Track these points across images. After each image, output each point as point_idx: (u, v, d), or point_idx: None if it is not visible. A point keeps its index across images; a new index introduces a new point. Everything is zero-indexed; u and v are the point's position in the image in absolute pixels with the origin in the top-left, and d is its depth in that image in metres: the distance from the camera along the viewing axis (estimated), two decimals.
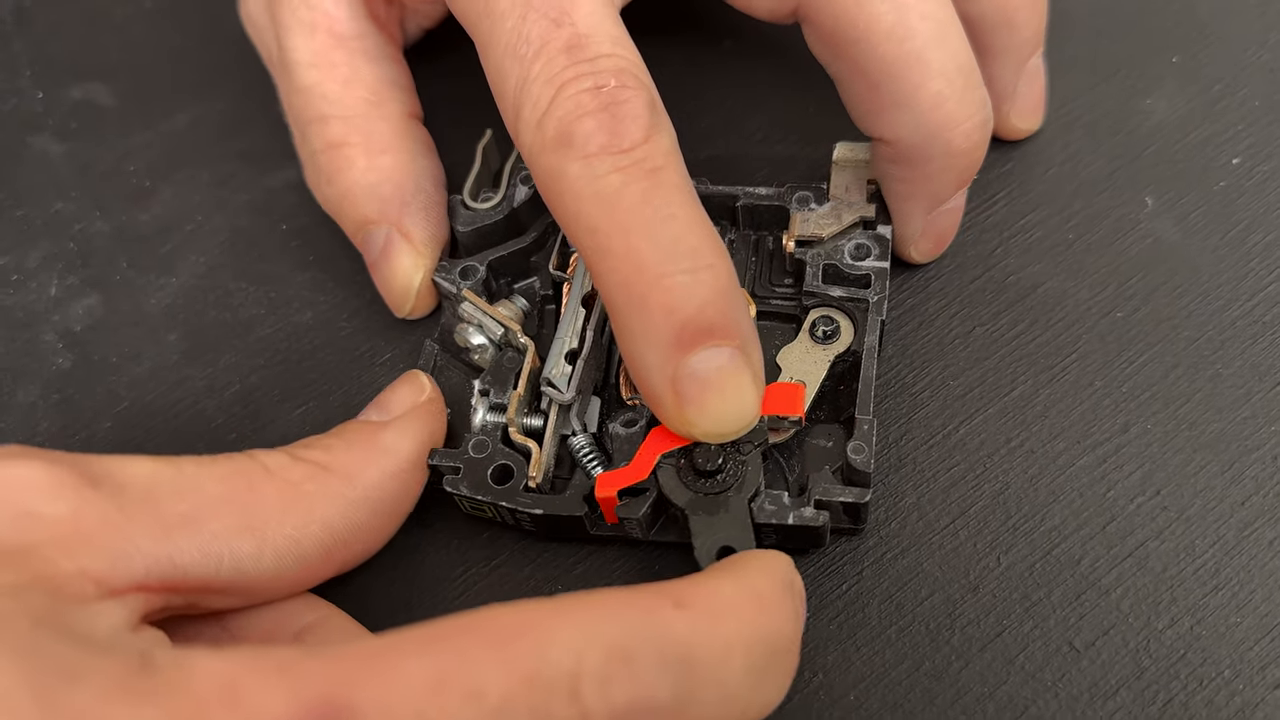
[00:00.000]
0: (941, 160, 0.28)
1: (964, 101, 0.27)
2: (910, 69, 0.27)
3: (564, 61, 0.25)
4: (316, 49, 0.31)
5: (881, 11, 0.27)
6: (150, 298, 0.34)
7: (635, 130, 0.24)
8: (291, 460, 0.25)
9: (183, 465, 0.24)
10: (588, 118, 0.24)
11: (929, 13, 0.27)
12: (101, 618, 0.21)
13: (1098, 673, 0.26)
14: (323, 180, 0.31)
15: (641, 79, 0.25)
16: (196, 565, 0.23)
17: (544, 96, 0.25)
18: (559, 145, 0.24)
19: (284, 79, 0.32)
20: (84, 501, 0.22)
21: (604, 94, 0.24)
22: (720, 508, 0.26)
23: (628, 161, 0.24)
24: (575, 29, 0.25)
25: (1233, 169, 0.33)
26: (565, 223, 0.25)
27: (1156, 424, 0.29)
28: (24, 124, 0.38)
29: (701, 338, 0.24)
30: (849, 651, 0.27)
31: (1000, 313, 0.31)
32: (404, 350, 0.32)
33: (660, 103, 0.25)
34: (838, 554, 0.28)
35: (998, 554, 0.28)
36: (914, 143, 0.28)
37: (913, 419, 0.30)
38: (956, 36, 0.27)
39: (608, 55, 0.25)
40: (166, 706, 0.18)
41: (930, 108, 0.27)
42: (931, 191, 0.29)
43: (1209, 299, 0.31)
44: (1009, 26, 0.30)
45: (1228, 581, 0.27)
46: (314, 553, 0.24)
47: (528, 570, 0.29)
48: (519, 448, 0.28)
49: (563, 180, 0.24)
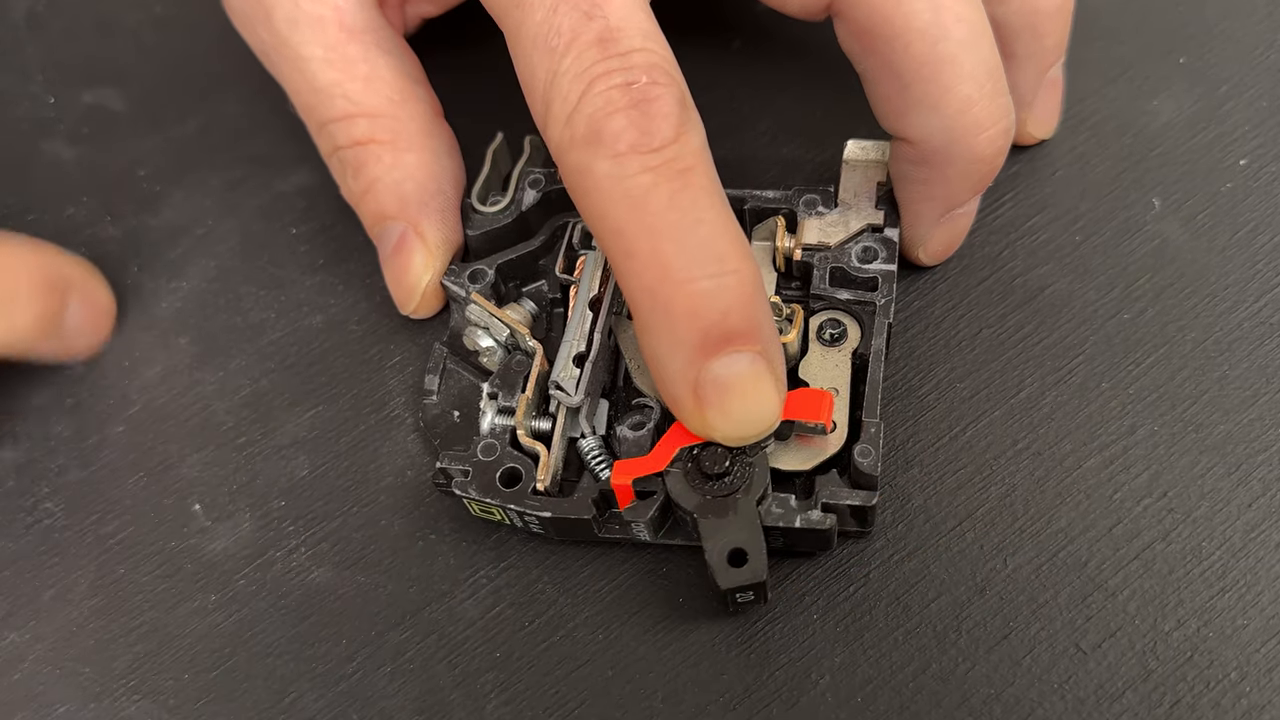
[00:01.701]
0: (963, 164, 0.28)
1: (991, 107, 0.27)
2: (942, 70, 0.27)
3: (595, 55, 0.24)
4: (329, 44, 0.30)
5: (918, 9, 0.26)
6: (161, 302, 0.34)
7: (666, 128, 0.24)
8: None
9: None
10: (618, 115, 0.24)
11: (964, 15, 0.27)
12: None
13: (1105, 675, 0.26)
14: (348, 174, 0.31)
15: (673, 74, 0.25)
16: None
17: (574, 91, 0.24)
18: (588, 142, 0.24)
19: (294, 76, 0.31)
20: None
21: (635, 90, 0.24)
22: (729, 510, 0.26)
23: (657, 161, 0.24)
24: (607, 22, 0.25)
25: (1240, 170, 0.33)
26: (591, 221, 0.25)
27: (1163, 426, 0.29)
28: (36, 129, 0.38)
29: (724, 343, 0.24)
30: (856, 654, 0.27)
31: (1007, 314, 0.31)
32: (413, 353, 0.32)
33: (690, 98, 0.25)
34: (845, 556, 0.28)
35: (1005, 556, 0.28)
36: (937, 145, 0.28)
37: (920, 421, 0.30)
38: (988, 41, 0.27)
39: (639, 49, 0.25)
40: None
41: (958, 111, 0.27)
42: (948, 195, 0.29)
43: (1216, 300, 0.31)
44: (1034, 33, 0.30)
45: (1235, 584, 0.27)
46: None
47: (536, 572, 0.29)
48: (527, 451, 0.28)
49: (590, 178, 0.24)
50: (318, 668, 0.28)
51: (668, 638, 0.28)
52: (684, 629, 0.28)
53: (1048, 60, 0.31)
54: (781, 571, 0.28)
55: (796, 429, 0.27)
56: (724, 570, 0.25)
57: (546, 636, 0.28)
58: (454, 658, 0.28)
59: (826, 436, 0.27)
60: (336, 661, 0.28)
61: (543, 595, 0.28)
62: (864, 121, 0.30)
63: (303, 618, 0.29)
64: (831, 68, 0.36)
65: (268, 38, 0.31)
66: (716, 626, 0.28)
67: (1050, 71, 0.31)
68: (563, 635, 0.28)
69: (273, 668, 0.28)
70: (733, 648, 0.27)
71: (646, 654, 0.28)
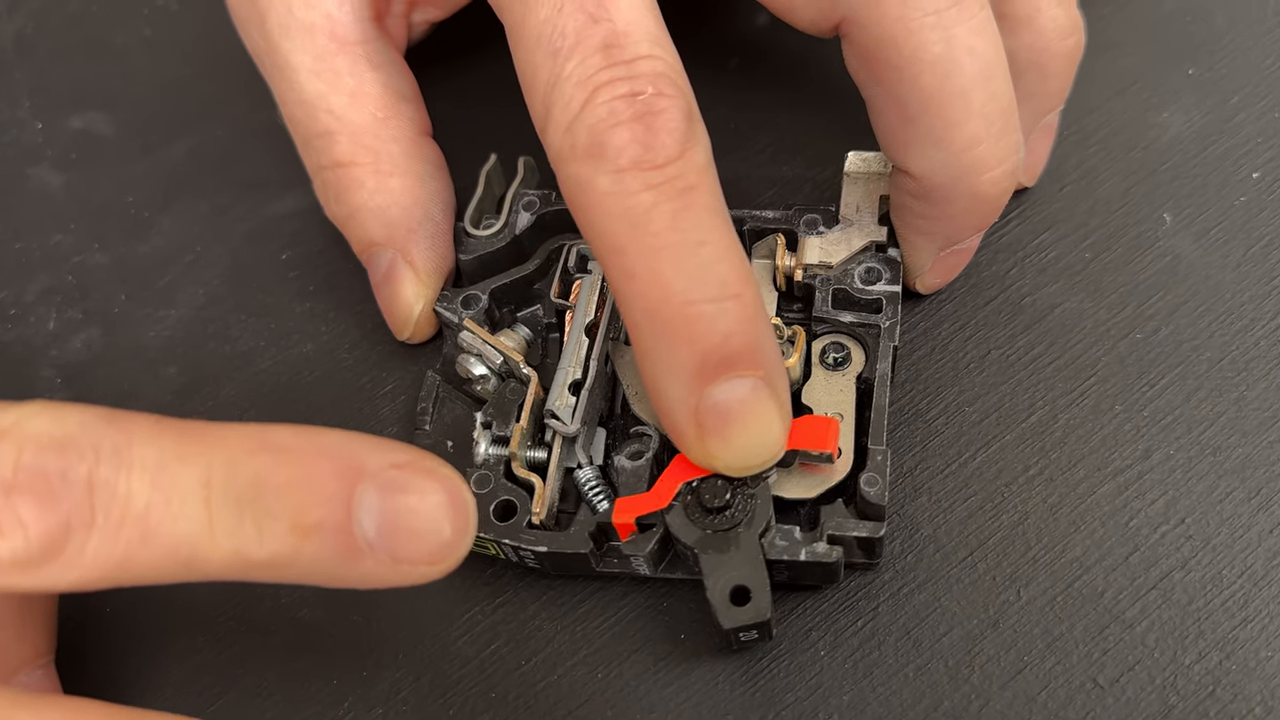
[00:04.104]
0: (965, 203, 0.27)
1: (998, 146, 0.26)
2: (950, 106, 0.25)
3: (599, 62, 0.24)
4: (318, 53, 0.30)
5: (929, 40, 0.25)
6: (149, 330, 0.33)
7: (670, 144, 0.23)
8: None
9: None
10: (621, 128, 0.23)
11: (978, 49, 0.25)
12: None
13: (1123, 711, 0.25)
14: (330, 198, 0.31)
15: (679, 84, 0.24)
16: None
17: (576, 99, 0.24)
18: (589, 155, 0.23)
19: (282, 84, 0.30)
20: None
21: (640, 102, 0.23)
22: (731, 545, 0.25)
23: (660, 179, 0.23)
24: (613, 25, 0.24)
25: (1253, 183, 0.32)
26: (590, 237, 0.24)
27: (1179, 449, 0.28)
28: (23, 155, 0.38)
29: (725, 368, 0.23)
30: (865, 691, 0.26)
31: (1016, 335, 0.30)
32: (406, 381, 0.32)
33: (697, 110, 0.24)
34: (852, 590, 0.27)
35: (1018, 587, 0.27)
36: (940, 181, 0.27)
37: (927, 447, 0.29)
38: (1001, 77, 0.26)
39: (646, 57, 0.24)
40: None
41: (963, 149, 0.26)
42: (948, 231, 0.28)
43: (1232, 319, 0.30)
44: (1040, 73, 0.29)
45: (1258, 613, 0.26)
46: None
47: (533, 609, 0.28)
48: (522, 482, 0.27)
49: (590, 193, 0.24)
50: (308, 710, 0.27)
51: (669, 676, 0.27)
52: (685, 667, 0.27)
53: (1048, 104, 0.30)
54: (786, 606, 0.27)
55: (800, 456, 0.26)
56: (726, 609, 0.24)
57: (544, 675, 0.27)
58: (448, 698, 0.27)
59: (832, 464, 0.27)
60: (328, 703, 0.27)
61: (539, 632, 0.28)
62: (865, 140, 0.29)
63: (293, 657, 0.28)
64: (831, 86, 0.35)
65: (261, 43, 0.31)
66: (719, 664, 0.27)
67: (1047, 116, 0.30)
68: (560, 674, 0.27)
69: (262, 709, 0.27)
70: (736, 686, 0.26)
71: (647, 693, 0.27)
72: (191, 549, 0.21)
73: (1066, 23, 0.29)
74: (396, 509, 0.21)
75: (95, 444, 0.21)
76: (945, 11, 0.25)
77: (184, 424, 0.22)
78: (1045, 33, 0.28)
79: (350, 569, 0.21)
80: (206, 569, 0.21)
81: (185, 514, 0.21)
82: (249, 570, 0.21)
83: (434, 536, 0.21)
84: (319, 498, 0.21)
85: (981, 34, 0.25)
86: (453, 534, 0.21)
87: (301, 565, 0.21)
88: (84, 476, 0.20)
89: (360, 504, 0.21)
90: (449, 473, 0.21)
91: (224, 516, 0.21)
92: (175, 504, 0.21)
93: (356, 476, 0.21)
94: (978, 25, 0.25)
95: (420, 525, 0.21)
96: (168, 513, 0.20)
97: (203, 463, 0.21)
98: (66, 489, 0.20)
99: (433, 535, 0.21)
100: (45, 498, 0.20)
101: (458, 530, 0.21)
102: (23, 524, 0.20)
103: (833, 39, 0.28)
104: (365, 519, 0.21)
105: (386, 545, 0.21)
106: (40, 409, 0.21)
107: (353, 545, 0.21)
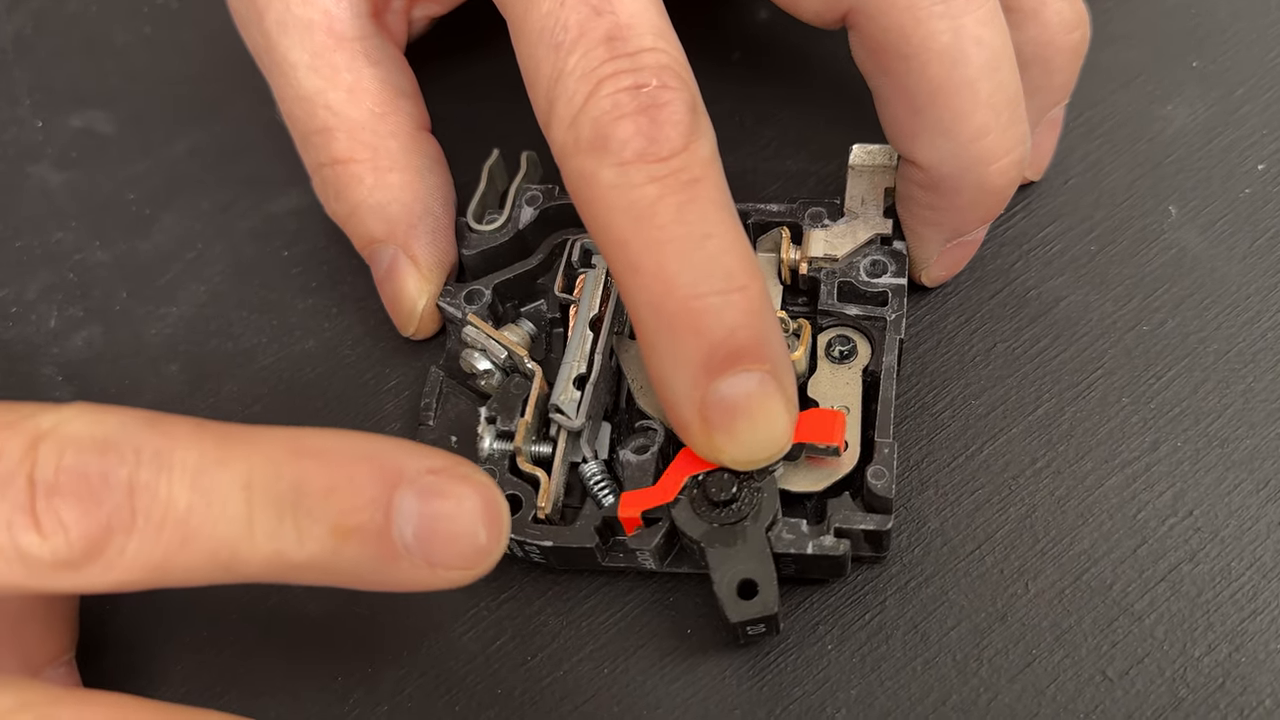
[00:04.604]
0: (972, 193, 0.27)
1: (1005, 136, 0.26)
2: (957, 96, 0.25)
3: (603, 55, 0.23)
4: (316, 49, 0.30)
5: (937, 30, 0.25)
6: (151, 328, 0.33)
7: (675, 137, 0.23)
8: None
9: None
10: (625, 120, 0.23)
11: (985, 39, 0.25)
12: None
13: (1133, 703, 0.25)
14: (329, 195, 0.31)
15: (684, 76, 0.24)
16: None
17: (579, 92, 0.23)
18: (593, 148, 0.23)
19: (280, 81, 0.30)
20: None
21: (644, 94, 0.23)
22: (737, 538, 0.25)
23: (664, 171, 0.23)
24: (616, 18, 0.24)
25: (1258, 175, 0.32)
26: (594, 231, 0.24)
27: (1187, 441, 0.28)
28: (23, 153, 0.37)
29: (731, 362, 0.23)
30: (872, 685, 0.26)
31: (1022, 328, 0.30)
32: (409, 377, 0.31)
33: (701, 102, 0.24)
34: (859, 583, 0.27)
35: (1026, 580, 0.27)
36: (947, 172, 0.26)
37: (934, 440, 0.29)
38: (1009, 67, 0.26)
39: (650, 49, 0.24)
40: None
41: (971, 139, 0.26)
42: (955, 223, 0.28)
43: (1238, 310, 0.30)
44: (1045, 66, 0.29)
45: (1267, 605, 0.26)
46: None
47: (538, 604, 0.28)
48: (527, 477, 0.27)
49: (594, 187, 0.24)
50: (313, 707, 0.27)
51: (675, 671, 0.27)
52: (692, 662, 0.27)
53: (1053, 98, 0.30)
54: (793, 600, 0.27)
55: (807, 450, 0.26)
56: (733, 603, 0.24)
57: (549, 671, 0.27)
58: (454, 694, 0.27)
59: (838, 457, 0.26)
60: (332, 700, 0.27)
61: (545, 627, 0.27)
62: (870, 133, 0.29)
63: (298, 654, 0.28)
64: (835, 79, 0.35)
65: (260, 40, 0.31)
66: (726, 659, 0.27)
67: (1052, 110, 0.30)
68: (566, 670, 0.27)
69: (266, 707, 0.27)
70: (744, 681, 0.26)
71: (654, 688, 0.26)
72: (232, 551, 0.21)
73: (1072, 16, 0.29)
74: (434, 514, 0.21)
75: (136, 447, 0.20)
76: (953, 1, 0.25)
77: (223, 427, 0.21)
78: (1050, 26, 0.28)
79: (387, 572, 0.21)
80: (245, 571, 0.21)
81: (226, 516, 0.20)
82: (287, 573, 0.21)
83: (469, 541, 0.21)
84: (360, 501, 0.21)
85: (989, 24, 0.25)
86: (487, 539, 0.21)
87: (339, 568, 0.21)
88: (125, 479, 0.20)
89: (399, 508, 0.21)
90: (484, 479, 0.21)
91: (264, 519, 0.21)
92: (216, 506, 0.20)
93: (396, 481, 0.21)
94: (985, 16, 0.25)
95: (456, 530, 0.21)
96: (209, 515, 0.20)
97: (244, 466, 0.21)
98: (108, 491, 0.20)
99: (468, 540, 0.21)
100: (86, 500, 0.20)
101: (492, 536, 0.21)
102: (64, 525, 0.20)
103: (837, 31, 0.28)
104: (403, 523, 0.21)
105: (423, 549, 0.21)
106: (81, 411, 0.21)
107: (391, 549, 0.21)
